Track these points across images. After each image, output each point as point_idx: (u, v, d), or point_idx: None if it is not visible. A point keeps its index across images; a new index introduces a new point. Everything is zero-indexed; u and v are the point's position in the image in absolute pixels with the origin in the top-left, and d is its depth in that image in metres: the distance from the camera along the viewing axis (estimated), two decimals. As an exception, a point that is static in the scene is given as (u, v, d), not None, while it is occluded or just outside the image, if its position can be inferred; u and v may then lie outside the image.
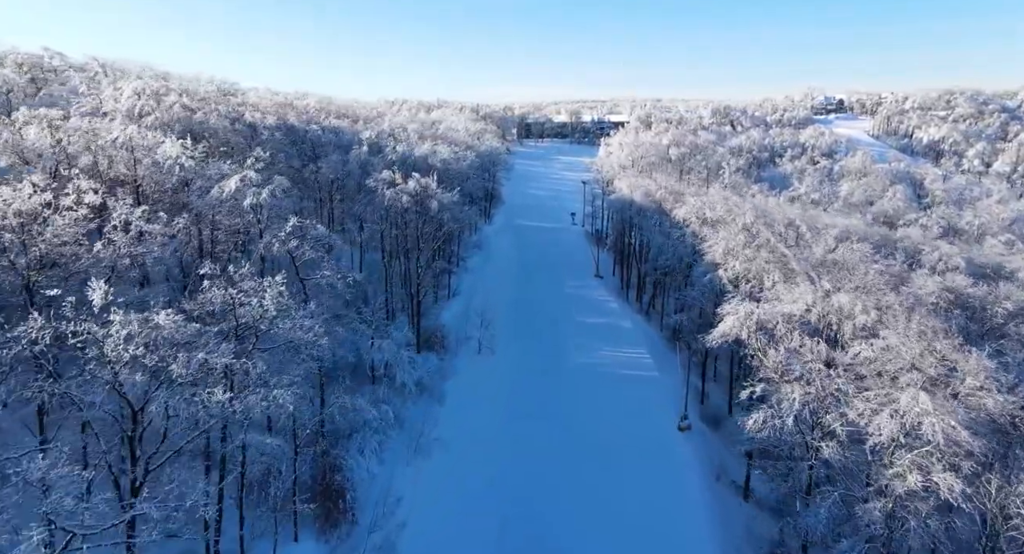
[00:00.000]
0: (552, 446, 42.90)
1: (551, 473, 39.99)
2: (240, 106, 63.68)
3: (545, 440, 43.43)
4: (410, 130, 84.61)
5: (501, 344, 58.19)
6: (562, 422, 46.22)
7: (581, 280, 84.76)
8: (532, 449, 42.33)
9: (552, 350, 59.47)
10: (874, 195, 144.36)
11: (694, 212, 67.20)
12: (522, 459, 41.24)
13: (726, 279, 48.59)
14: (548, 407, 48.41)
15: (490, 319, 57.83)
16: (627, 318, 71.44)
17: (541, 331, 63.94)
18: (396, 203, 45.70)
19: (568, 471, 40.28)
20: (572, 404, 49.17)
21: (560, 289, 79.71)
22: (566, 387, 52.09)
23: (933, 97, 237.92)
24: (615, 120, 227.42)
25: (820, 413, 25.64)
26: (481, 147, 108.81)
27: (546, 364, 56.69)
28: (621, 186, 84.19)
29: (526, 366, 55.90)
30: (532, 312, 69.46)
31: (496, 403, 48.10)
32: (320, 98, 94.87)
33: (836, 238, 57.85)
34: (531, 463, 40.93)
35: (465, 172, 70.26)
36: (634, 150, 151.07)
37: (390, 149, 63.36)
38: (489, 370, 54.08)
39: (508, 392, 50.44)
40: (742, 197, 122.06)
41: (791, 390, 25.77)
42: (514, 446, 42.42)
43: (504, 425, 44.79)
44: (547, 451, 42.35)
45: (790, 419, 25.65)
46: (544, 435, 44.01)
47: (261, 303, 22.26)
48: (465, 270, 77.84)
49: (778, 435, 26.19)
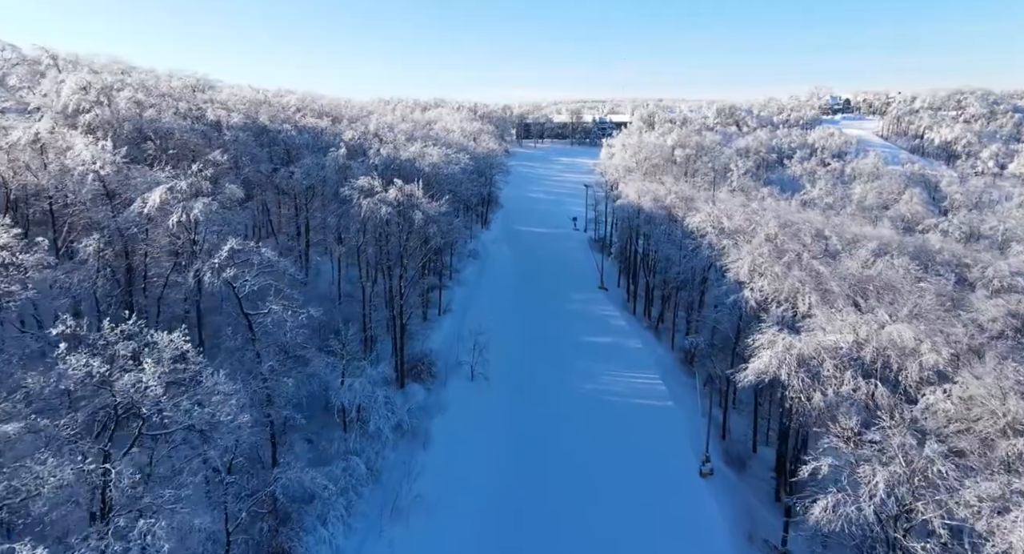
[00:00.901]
0: (555, 499, 36.68)
1: (554, 535, 33.79)
2: (206, 103, 57.22)
3: (547, 493, 37.21)
4: (397, 130, 78.04)
5: (497, 370, 51.90)
6: (566, 467, 40.00)
7: (584, 292, 78.49)
8: (531, 504, 36.11)
9: (554, 376, 53.21)
10: (889, 198, 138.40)
11: (710, 221, 60.89)
12: (519, 517, 35.02)
13: (753, 301, 42.31)
14: (549, 448, 42.17)
15: (485, 341, 51.52)
16: (635, 336, 65.11)
17: (542, 353, 57.69)
18: (374, 215, 39.35)
19: (574, 532, 34.06)
20: (577, 444, 42.94)
21: (562, 303, 73.47)
22: (570, 423, 45.86)
23: (942, 97, 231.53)
24: (617, 120, 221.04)
25: (909, 499, 19.44)
26: (477, 149, 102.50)
27: (547, 393, 50.45)
28: (627, 191, 77.83)
29: (525, 396, 49.64)
30: (532, 331, 63.21)
31: (490, 445, 41.78)
32: (302, 95, 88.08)
33: (873, 252, 51.53)
34: (530, 523, 34.71)
35: (457, 177, 63.82)
36: (637, 151, 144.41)
37: (373, 151, 56.94)
38: (483, 402, 47.78)
39: (504, 430, 44.15)
40: (751, 200, 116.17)
41: (872, 471, 19.52)
42: (510, 500, 36.19)
43: (499, 474, 38.50)
44: (549, 505, 36.14)
45: (870, 509, 19.40)
46: (545, 485, 37.79)
47: (140, 376, 15.78)
48: (458, 283, 71.51)
49: (850, 526, 19.92)
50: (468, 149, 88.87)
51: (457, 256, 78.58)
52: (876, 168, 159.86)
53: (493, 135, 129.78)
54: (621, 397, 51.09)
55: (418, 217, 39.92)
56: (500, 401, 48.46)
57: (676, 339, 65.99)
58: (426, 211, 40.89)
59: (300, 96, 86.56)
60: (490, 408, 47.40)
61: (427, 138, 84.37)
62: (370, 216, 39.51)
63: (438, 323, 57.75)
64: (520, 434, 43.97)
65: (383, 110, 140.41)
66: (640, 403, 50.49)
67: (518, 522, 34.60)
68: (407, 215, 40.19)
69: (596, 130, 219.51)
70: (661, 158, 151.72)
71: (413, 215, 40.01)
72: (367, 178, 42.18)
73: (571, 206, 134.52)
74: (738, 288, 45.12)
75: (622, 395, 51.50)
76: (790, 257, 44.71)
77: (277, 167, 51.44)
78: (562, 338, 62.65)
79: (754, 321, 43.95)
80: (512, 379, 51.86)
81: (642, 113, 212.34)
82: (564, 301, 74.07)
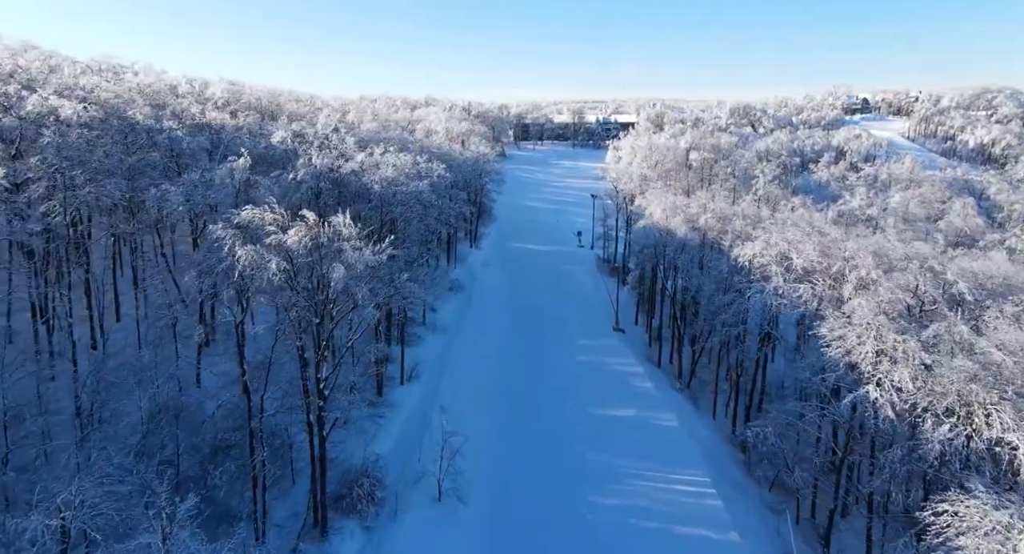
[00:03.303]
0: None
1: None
2: (31, 83, 40.53)
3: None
4: (361, 130, 61.11)
5: (478, 481, 35.72)
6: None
7: (596, 336, 62.09)
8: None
9: (560, 486, 36.88)
10: (934, 209, 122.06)
11: (772, 255, 44.55)
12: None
13: (890, 410, 25.90)
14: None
15: (463, 437, 35.22)
16: (667, 406, 48.75)
17: (542, 441, 41.36)
18: (257, 271, 23.13)
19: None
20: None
21: (568, 352, 57.15)
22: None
23: (970, 96, 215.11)
24: (623, 121, 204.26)
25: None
26: (465, 153, 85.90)
27: (551, 519, 34.09)
28: (651, 209, 61.02)
29: (519, 527, 33.26)
30: (528, 400, 46.97)
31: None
32: (230, 84, 70.73)
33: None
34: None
35: (425, 197, 46.38)
36: (648, 154, 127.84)
37: (302, 161, 40.24)
38: (455, 544, 31.38)
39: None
40: (778, 210, 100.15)
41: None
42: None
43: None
44: None
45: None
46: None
47: None
48: (432, 331, 54.86)
49: None
50: (451, 155, 72.43)
51: (435, 289, 62.13)
52: (913, 173, 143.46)
53: (484, 137, 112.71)
54: (660, 522, 34.78)
55: (337, 274, 23.47)
56: (481, 539, 32.09)
57: (717, 403, 49.84)
58: (351, 262, 24.32)
59: (228, 86, 69.20)
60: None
61: (402, 142, 67.78)
62: (252, 273, 23.23)
63: (394, 405, 41.02)
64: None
65: (362, 108, 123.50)
66: (686, 533, 34.12)
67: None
68: (318, 271, 23.89)
69: (600, 131, 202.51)
70: (674, 162, 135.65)
71: (330, 271, 23.58)
72: (258, 210, 25.61)
73: (575, 216, 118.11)
74: (854, 378, 28.72)
75: (660, 517, 35.20)
76: (937, 330, 28.29)
77: (156, 183, 34.81)
78: (568, 410, 46.49)
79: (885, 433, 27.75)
80: (500, 495, 35.61)
81: (649, 113, 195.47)
82: (570, 349, 57.75)
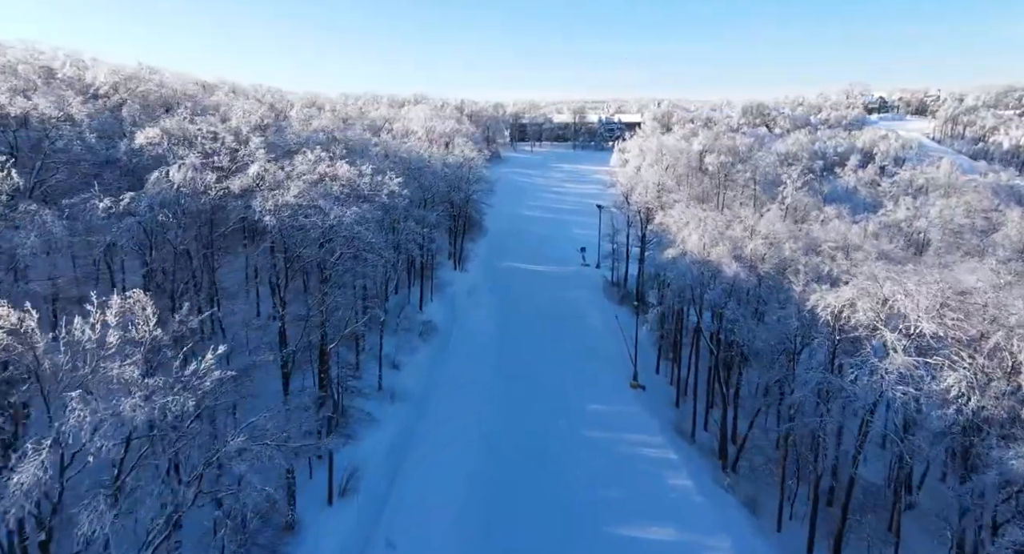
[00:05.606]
0: None
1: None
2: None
3: None
4: (271, 134, 45.58)
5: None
6: None
7: (610, 399, 47.65)
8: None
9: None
10: (980, 219, 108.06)
11: (872, 311, 30.25)
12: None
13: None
14: None
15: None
16: (718, 524, 34.31)
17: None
18: None
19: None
20: None
21: (573, 426, 42.76)
22: None
23: (996, 94, 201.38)
24: (627, 121, 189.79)
25: None
26: (448, 158, 71.43)
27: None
28: (683, 234, 46.14)
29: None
30: (520, 531, 32.44)
31: None
32: (150, 70, 55.80)
33: None
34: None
35: (360, 236, 30.39)
36: (658, 158, 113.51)
37: (153, 180, 25.75)
38: None
39: None
40: (810, 222, 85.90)
41: None
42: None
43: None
44: None
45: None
46: None
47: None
48: (390, 401, 40.37)
49: None
50: (425, 161, 58.07)
51: (401, 337, 47.88)
52: (952, 178, 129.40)
53: (473, 138, 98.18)
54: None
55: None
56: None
57: (783, 505, 35.31)
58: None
59: (111, 68, 54.21)
60: None
61: (363, 145, 53.22)
62: None
63: (311, 544, 26.65)
64: None
65: (343, 106, 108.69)
66: None
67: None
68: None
69: (603, 132, 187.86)
70: (687, 166, 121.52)
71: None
72: None
73: (576, 228, 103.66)
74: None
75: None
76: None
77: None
78: (579, 531, 32.13)
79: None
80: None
81: (655, 112, 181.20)
82: (577, 422, 43.33)
